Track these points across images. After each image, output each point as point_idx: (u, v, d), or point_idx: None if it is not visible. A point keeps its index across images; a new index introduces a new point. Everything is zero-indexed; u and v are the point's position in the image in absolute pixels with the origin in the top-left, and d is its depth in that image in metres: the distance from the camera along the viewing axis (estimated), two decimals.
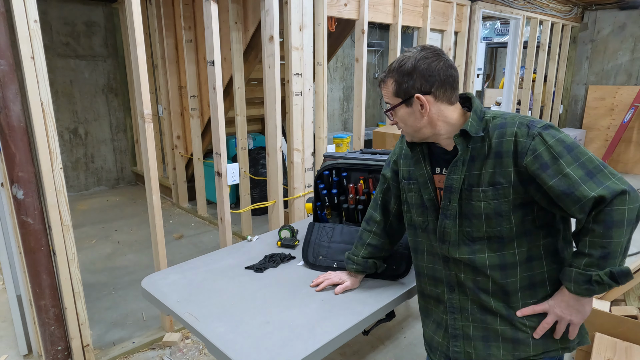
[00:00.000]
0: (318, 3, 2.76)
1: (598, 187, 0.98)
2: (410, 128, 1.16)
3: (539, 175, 1.03)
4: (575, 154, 1.01)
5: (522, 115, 1.09)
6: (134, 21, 1.97)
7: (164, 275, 1.58)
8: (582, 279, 1.03)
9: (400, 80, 1.11)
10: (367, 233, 1.44)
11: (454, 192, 1.12)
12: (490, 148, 1.08)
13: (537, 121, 1.06)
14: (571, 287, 1.05)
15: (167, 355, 2.30)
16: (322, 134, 3.05)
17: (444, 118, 1.13)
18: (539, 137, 1.03)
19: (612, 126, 5.95)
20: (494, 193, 1.08)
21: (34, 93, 1.78)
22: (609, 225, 0.98)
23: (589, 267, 1.02)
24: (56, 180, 1.89)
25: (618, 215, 0.97)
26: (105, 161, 5.25)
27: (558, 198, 1.02)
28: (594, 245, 1.00)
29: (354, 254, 1.46)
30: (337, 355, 2.30)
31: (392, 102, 1.16)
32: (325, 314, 1.32)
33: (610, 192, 0.97)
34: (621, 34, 5.82)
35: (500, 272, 1.11)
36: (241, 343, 1.18)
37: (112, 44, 5.03)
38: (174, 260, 2.71)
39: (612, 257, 0.99)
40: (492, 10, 4.33)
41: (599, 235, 0.99)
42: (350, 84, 6.93)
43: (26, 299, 2.14)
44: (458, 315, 1.18)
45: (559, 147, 1.02)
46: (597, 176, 1.00)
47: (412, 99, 1.11)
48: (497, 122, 1.09)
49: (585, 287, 1.03)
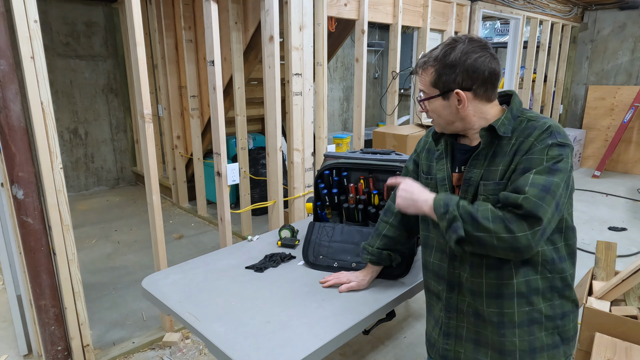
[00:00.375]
0: (318, 3, 2.76)
1: (534, 198, 0.97)
2: (443, 121, 1.14)
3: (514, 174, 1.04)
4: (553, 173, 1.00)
5: (556, 124, 1.07)
6: (134, 21, 1.97)
7: (164, 275, 1.58)
8: (449, 202, 1.06)
9: (441, 71, 1.07)
10: (383, 224, 1.42)
11: (472, 186, 1.12)
12: (513, 147, 1.07)
13: (560, 135, 1.05)
14: (439, 196, 1.09)
15: (167, 355, 2.30)
16: (322, 134, 3.05)
17: (480, 114, 1.11)
18: (547, 147, 1.02)
19: (612, 126, 5.95)
20: (499, 188, 1.07)
21: (34, 93, 1.78)
22: (505, 222, 0.98)
23: (462, 207, 1.04)
24: (56, 180, 1.89)
25: (516, 226, 0.97)
26: (105, 161, 5.25)
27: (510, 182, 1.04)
28: (485, 210, 1.02)
29: (369, 244, 1.45)
30: (337, 355, 2.30)
31: (428, 91, 1.12)
32: (325, 314, 1.32)
33: (531, 207, 0.97)
34: (621, 34, 5.83)
35: (496, 272, 1.10)
36: (241, 343, 1.18)
37: (112, 44, 5.03)
38: (174, 260, 2.71)
39: (470, 226, 1.01)
40: (492, 10, 4.33)
41: (493, 213, 1.00)
42: (350, 84, 6.93)
43: (26, 299, 2.14)
44: (453, 315, 1.18)
45: (550, 161, 1.01)
46: (546, 194, 0.98)
47: (450, 93, 1.08)
48: (530, 124, 1.08)
49: (441, 204, 1.07)
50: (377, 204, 1.75)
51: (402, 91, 6.29)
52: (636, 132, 5.77)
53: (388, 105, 3.66)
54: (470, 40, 1.07)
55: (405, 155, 1.79)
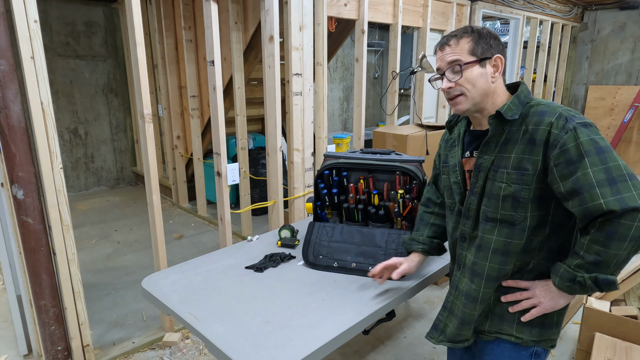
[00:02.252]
0: (318, 3, 2.76)
1: (613, 195, 0.94)
2: (478, 91, 1.13)
3: (559, 170, 1.01)
4: (605, 157, 0.98)
5: (565, 108, 1.07)
6: (134, 21, 1.97)
7: (164, 275, 1.58)
8: (567, 276, 1.04)
9: (478, 39, 1.11)
10: (428, 214, 1.46)
11: (482, 171, 1.14)
12: (526, 133, 1.07)
13: (577, 117, 1.04)
14: (556, 280, 1.07)
15: (167, 355, 2.30)
16: (322, 134, 3.05)
17: (500, 92, 1.14)
18: (572, 132, 1.00)
19: (612, 126, 5.95)
20: (517, 177, 1.08)
21: (34, 93, 1.78)
22: (611, 236, 0.95)
23: (578, 268, 1.02)
24: (56, 180, 1.89)
25: (624, 229, 0.94)
26: (105, 161, 5.25)
27: (568, 194, 1.00)
28: (590, 249, 0.99)
29: (418, 234, 1.44)
30: (337, 355, 2.30)
31: (464, 59, 1.11)
32: (325, 314, 1.32)
33: (622, 205, 0.93)
34: (621, 34, 5.82)
35: (501, 258, 1.13)
36: (241, 343, 1.18)
37: (112, 44, 5.03)
38: (174, 260, 2.71)
39: (603, 266, 0.98)
40: (492, 10, 4.33)
41: (597, 242, 0.97)
42: (350, 84, 6.93)
43: (26, 299, 2.14)
44: (453, 291, 1.26)
45: (589, 147, 0.99)
46: (617, 185, 0.95)
47: (487, 61, 1.11)
48: (539, 109, 1.08)
49: (568, 284, 1.04)
50: (377, 204, 1.75)
51: (402, 91, 6.29)
52: (636, 132, 5.76)
53: (388, 105, 3.66)
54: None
55: (406, 155, 1.79)
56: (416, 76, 3.87)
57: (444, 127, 3.16)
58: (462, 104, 1.15)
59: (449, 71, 1.14)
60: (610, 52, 5.95)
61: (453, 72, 1.13)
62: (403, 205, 1.68)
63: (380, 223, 1.74)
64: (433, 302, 2.80)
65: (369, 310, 1.34)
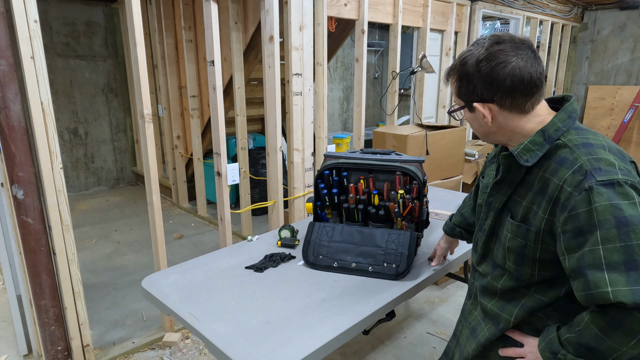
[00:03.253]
0: (318, 3, 2.76)
1: (628, 285, 0.74)
2: (478, 132, 1.03)
3: (565, 239, 0.84)
4: (627, 232, 0.76)
5: (594, 156, 0.84)
6: (134, 21, 1.97)
7: (164, 275, 1.58)
8: (551, 347, 0.89)
9: (460, 82, 0.96)
10: (464, 203, 1.47)
11: (492, 211, 1.04)
12: (540, 181, 0.91)
13: (604, 171, 0.81)
14: (541, 344, 0.93)
15: (167, 355, 2.30)
16: (322, 134, 3.05)
17: (512, 128, 0.95)
18: (587, 193, 0.80)
19: (612, 126, 5.95)
20: (521, 231, 0.95)
21: (34, 93, 1.78)
22: (615, 326, 0.77)
23: (567, 343, 0.86)
24: (56, 180, 1.89)
25: (633, 324, 0.75)
26: (105, 161, 5.25)
27: (572, 272, 0.83)
28: (587, 329, 0.82)
29: (452, 216, 1.50)
30: (337, 355, 2.30)
31: (456, 102, 1.03)
32: (325, 314, 1.32)
33: (635, 299, 0.73)
34: (621, 34, 5.82)
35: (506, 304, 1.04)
36: (241, 343, 1.18)
37: (112, 44, 5.03)
38: (174, 260, 2.71)
39: (595, 355, 0.81)
40: (492, 10, 4.33)
41: (597, 326, 0.80)
42: (350, 84, 6.92)
43: (26, 299, 2.14)
44: (463, 319, 1.22)
45: (606, 215, 0.78)
46: (638, 272, 0.74)
47: (473, 105, 0.96)
48: (562, 154, 0.89)
49: (550, 355, 0.89)
50: (377, 204, 1.75)
51: (402, 91, 6.29)
52: (636, 132, 5.76)
53: (388, 105, 3.66)
54: (495, 42, 0.91)
55: (406, 155, 1.79)
56: (416, 76, 3.87)
57: (444, 127, 3.16)
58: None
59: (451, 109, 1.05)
60: (610, 52, 5.95)
61: (453, 111, 1.04)
62: (403, 205, 1.68)
63: (381, 223, 1.74)
64: (433, 302, 2.80)
65: (369, 310, 1.34)
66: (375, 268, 1.55)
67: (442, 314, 2.66)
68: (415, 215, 1.69)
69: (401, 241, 1.57)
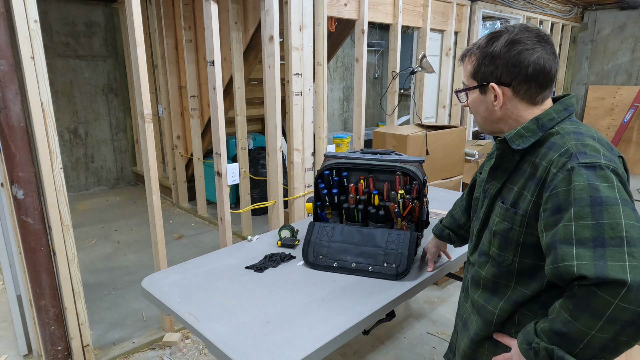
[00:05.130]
0: (318, 3, 2.76)
1: (592, 260, 0.76)
2: (479, 117, 1.03)
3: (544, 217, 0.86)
4: (600, 210, 0.78)
5: (582, 142, 0.87)
6: (134, 21, 1.97)
7: (164, 275, 1.58)
8: (527, 338, 0.88)
9: (481, 61, 0.97)
10: (455, 205, 1.47)
11: (487, 198, 1.06)
12: (531, 166, 0.94)
13: (588, 155, 0.84)
14: (519, 339, 0.92)
15: (167, 355, 2.30)
16: (322, 134, 3.05)
17: (517, 117, 0.98)
18: (569, 173, 0.83)
19: (612, 126, 5.95)
20: (509, 214, 0.96)
21: (34, 93, 1.78)
22: (581, 307, 0.77)
23: (542, 332, 0.85)
24: (56, 180, 1.89)
25: (599, 304, 0.75)
26: (105, 161, 5.25)
27: (546, 249, 0.85)
28: (558, 316, 0.82)
29: (442, 218, 1.51)
30: (337, 355, 2.30)
31: (467, 82, 1.02)
32: (325, 314, 1.32)
33: (598, 273, 0.74)
34: (621, 34, 5.82)
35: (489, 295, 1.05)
36: (241, 343, 1.18)
37: (112, 44, 5.03)
38: (174, 260, 2.71)
39: (567, 341, 0.80)
40: (492, 10, 4.33)
41: (566, 310, 0.80)
42: (350, 84, 6.92)
43: (26, 299, 2.14)
44: (459, 313, 1.23)
45: (582, 194, 0.80)
46: (605, 249, 0.75)
47: (487, 87, 0.97)
48: (553, 139, 0.92)
49: (525, 347, 0.88)
50: (377, 204, 1.75)
51: (402, 91, 6.29)
52: (636, 132, 5.77)
53: (388, 105, 3.66)
54: (524, 29, 0.94)
55: (406, 155, 1.79)
56: (416, 76, 3.87)
57: (444, 127, 3.16)
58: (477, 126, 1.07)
59: (456, 90, 1.06)
60: (610, 52, 5.95)
61: (457, 91, 1.04)
62: (403, 205, 1.68)
63: (381, 223, 1.74)
64: (433, 302, 2.80)
65: (369, 310, 1.34)
66: (375, 268, 1.55)
67: (442, 314, 2.66)
68: (416, 215, 1.69)
69: (401, 241, 1.57)
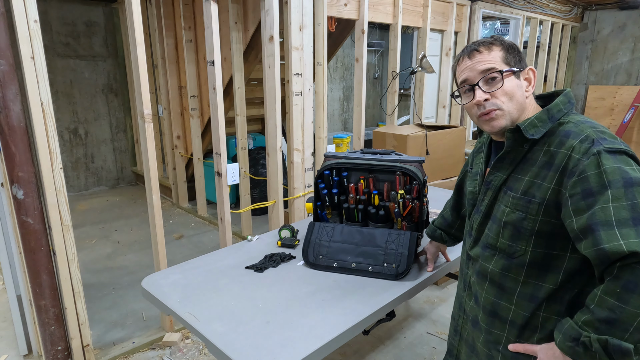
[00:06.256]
0: (318, 3, 2.76)
1: (636, 238, 0.77)
2: (515, 105, 1.00)
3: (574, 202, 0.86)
4: (633, 191, 0.81)
5: (599, 129, 0.91)
6: (134, 21, 1.97)
7: (164, 275, 1.58)
8: (570, 334, 0.84)
9: (508, 48, 1.01)
10: (445, 206, 1.50)
11: (490, 190, 1.05)
12: (545, 155, 0.95)
13: (609, 140, 0.88)
14: (557, 338, 0.88)
15: (167, 355, 2.30)
16: (322, 134, 3.05)
17: (531, 107, 1.03)
18: (595, 158, 0.85)
19: (612, 126, 5.95)
20: (522, 204, 0.96)
21: (34, 93, 1.78)
22: (630, 288, 0.77)
23: (586, 325, 0.82)
24: (56, 180, 1.89)
25: None
26: (105, 161, 5.25)
27: (581, 232, 0.84)
28: (602, 303, 0.80)
29: (434, 220, 1.55)
30: (337, 355, 2.30)
31: (501, 67, 0.99)
32: (325, 314, 1.32)
33: None
34: (621, 34, 5.82)
35: (497, 290, 1.04)
36: (241, 343, 1.18)
37: (112, 44, 5.03)
38: (174, 260, 2.71)
39: (618, 327, 0.78)
40: (492, 10, 4.33)
41: (612, 294, 0.79)
42: (350, 84, 6.92)
43: (26, 299, 2.14)
44: (462, 314, 1.21)
45: (615, 176, 0.82)
46: None
47: (521, 72, 1.00)
48: (566, 128, 0.94)
49: (570, 344, 0.84)
50: (377, 204, 1.75)
51: (402, 91, 6.29)
52: (636, 132, 5.76)
53: (388, 105, 3.66)
54: None
55: (406, 155, 1.79)
56: (416, 76, 3.87)
57: (444, 127, 3.16)
58: (499, 120, 0.99)
59: (482, 81, 0.99)
60: (610, 52, 5.95)
61: (488, 81, 1.00)
62: (403, 205, 1.68)
63: (381, 223, 1.74)
64: (433, 302, 2.80)
65: (369, 310, 1.34)
66: (375, 268, 1.55)
67: (442, 314, 2.66)
68: (415, 215, 1.69)
69: (401, 241, 1.57)
